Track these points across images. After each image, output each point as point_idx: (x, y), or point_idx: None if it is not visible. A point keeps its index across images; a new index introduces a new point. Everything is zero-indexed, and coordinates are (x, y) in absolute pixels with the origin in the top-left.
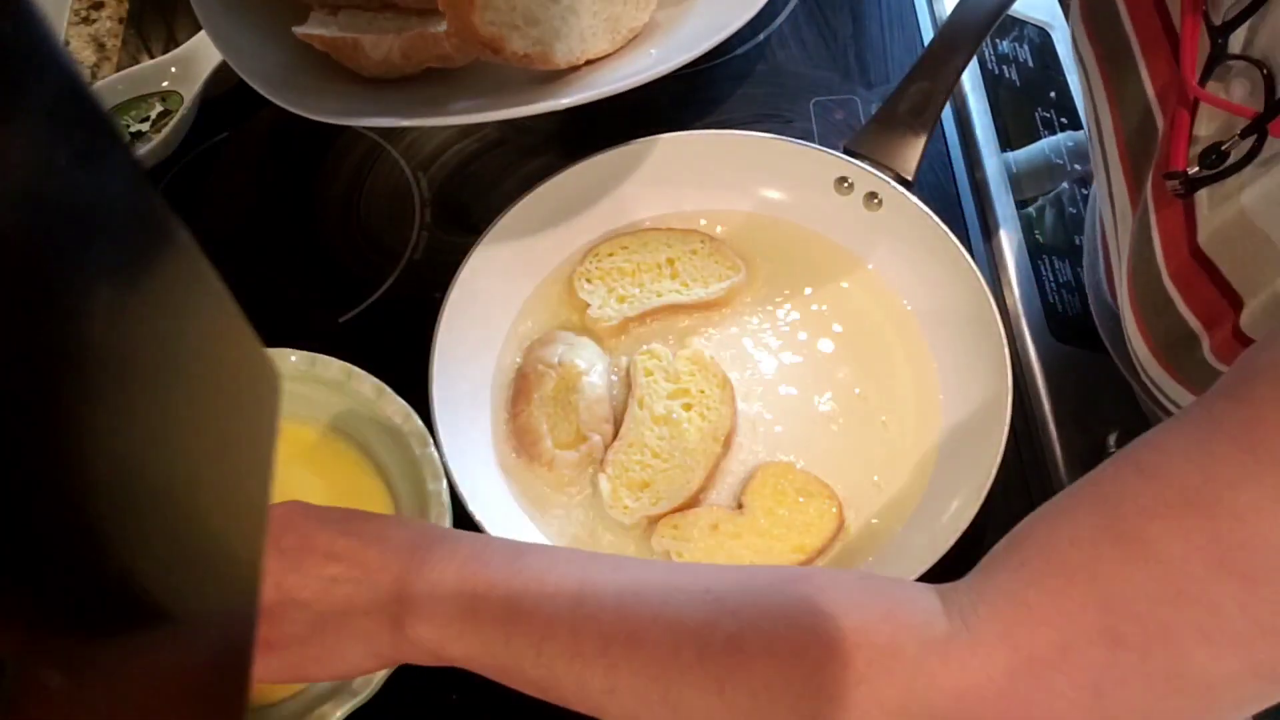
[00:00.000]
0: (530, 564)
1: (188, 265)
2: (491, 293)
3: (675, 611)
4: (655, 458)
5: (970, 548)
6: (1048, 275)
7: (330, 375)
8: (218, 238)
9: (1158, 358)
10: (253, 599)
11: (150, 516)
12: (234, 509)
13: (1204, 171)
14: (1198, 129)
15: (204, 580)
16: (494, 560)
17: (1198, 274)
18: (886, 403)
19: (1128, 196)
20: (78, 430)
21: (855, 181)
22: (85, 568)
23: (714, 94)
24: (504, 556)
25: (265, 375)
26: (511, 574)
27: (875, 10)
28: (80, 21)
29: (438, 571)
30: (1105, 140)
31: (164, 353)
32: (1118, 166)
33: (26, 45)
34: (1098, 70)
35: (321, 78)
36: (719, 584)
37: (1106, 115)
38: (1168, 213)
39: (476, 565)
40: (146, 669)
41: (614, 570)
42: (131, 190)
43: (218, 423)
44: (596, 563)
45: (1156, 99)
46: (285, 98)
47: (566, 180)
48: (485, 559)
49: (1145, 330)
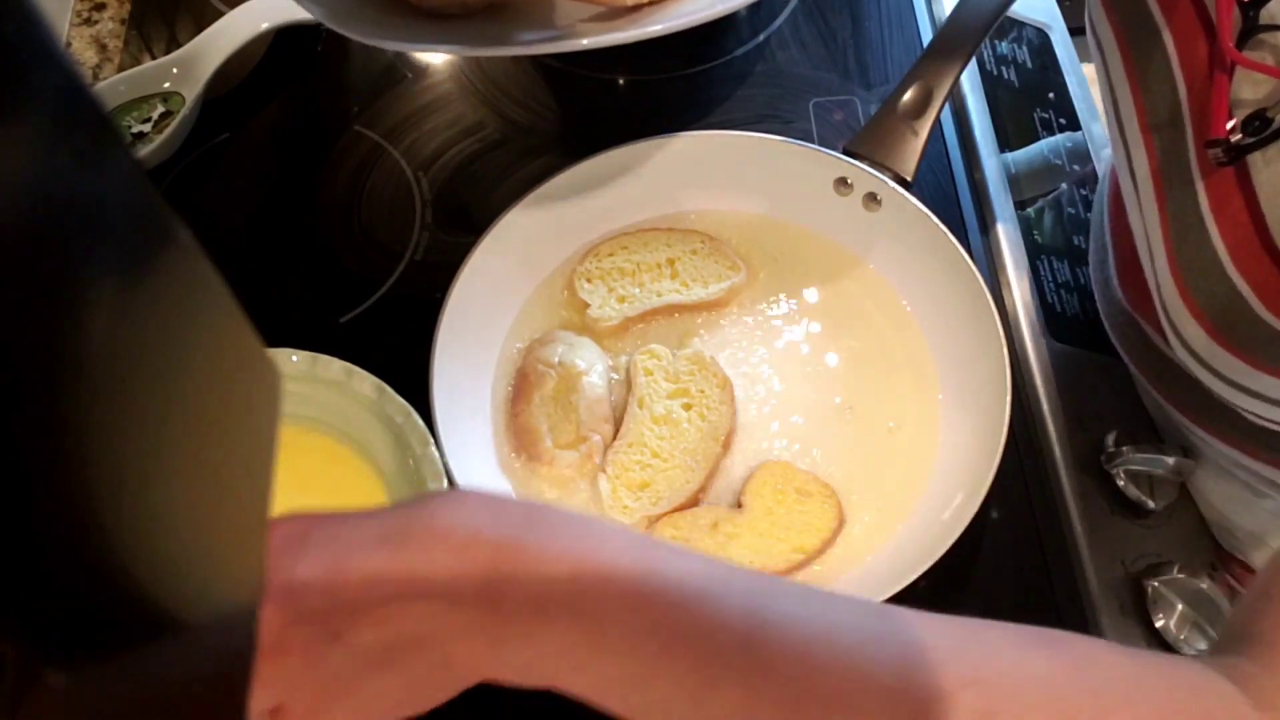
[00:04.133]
0: (663, 567)
1: (189, 266)
2: (492, 293)
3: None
4: (655, 458)
5: (970, 548)
6: (1047, 275)
7: (331, 375)
8: (219, 238)
9: (1211, 333)
10: (255, 599)
11: (150, 516)
12: (236, 509)
13: (1248, 138)
14: (1236, 96)
15: (205, 580)
16: (621, 559)
17: (1257, 235)
18: (886, 403)
19: (1151, 174)
20: (78, 430)
21: (855, 182)
22: (85, 568)
23: (714, 94)
24: (630, 556)
25: (267, 375)
26: (643, 580)
27: (875, 11)
28: (82, 22)
29: (540, 570)
30: (1125, 120)
31: (165, 353)
32: (1140, 144)
33: (28, 46)
34: (1116, 49)
35: (384, 11)
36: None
37: (1126, 95)
38: (1216, 180)
39: (593, 562)
40: (147, 671)
41: (785, 596)
42: (133, 191)
43: (219, 423)
44: (749, 582)
45: (1182, 72)
46: (351, 28)
47: (566, 180)
48: (606, 549)
49: (1196, 306)
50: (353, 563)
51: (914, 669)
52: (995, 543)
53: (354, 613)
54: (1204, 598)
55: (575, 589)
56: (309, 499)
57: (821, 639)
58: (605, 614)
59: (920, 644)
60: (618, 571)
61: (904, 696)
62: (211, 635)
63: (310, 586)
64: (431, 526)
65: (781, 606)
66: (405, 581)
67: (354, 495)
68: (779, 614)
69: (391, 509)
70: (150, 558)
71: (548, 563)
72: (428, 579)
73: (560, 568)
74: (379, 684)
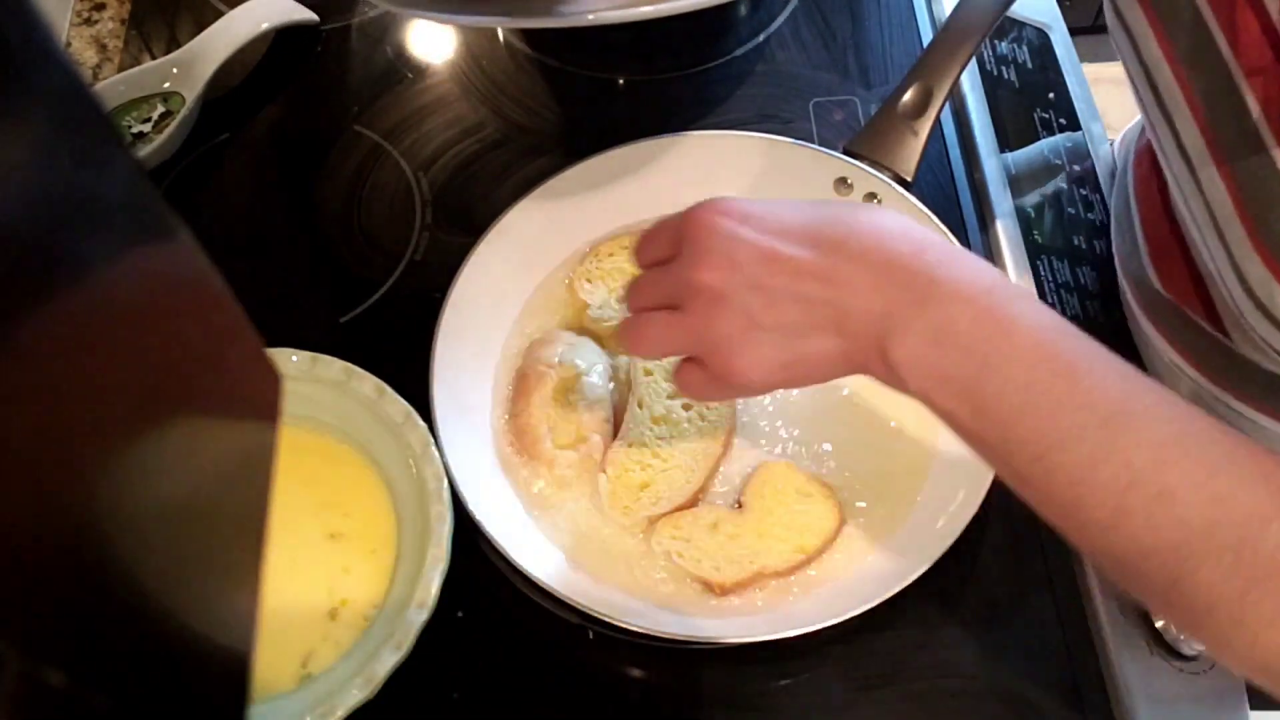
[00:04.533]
0: (1055, 336)
1: (190, 265)
2: (492, 293)
3: None
4: (655, 458)
5: (971, 547)
6: (1046, 275)
7: (331, 375)
8: (219, 238)
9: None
10: (254, 596)
11: (150, 514)
12: (236, 507)
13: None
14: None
15: (204, 574)
16: (1014, 336)
17: None
18: (886, 402)
19: (1208, 147)
20: (78, 430)
21: (855, 182)
22: (85, 567)
23: (714, 95)
24: (1030, 321)
25: (267, 375)
26: (1034, 357)
27: (875, 11)
28: (82, 23)
29: (945, 313)
30: (1168, 100)
31: (165, 353)
32: (1187, 115)
33: (28, 47)
34: (1150, 32)
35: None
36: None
37: (1164, 70)
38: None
39: (991, 325)
40: (147, 664)
41: (1149, 392)
42: (133, 191)
43: (220, 423)
44: (1137, 383)
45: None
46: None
47: (567, 180)
48: (1006, 310)
49: None
50: (787, 250)
51: (1243, 488)
52: (995, 542)
53: (776, 287)
54: None
55: (976, 330)
56: (309, 499)
57: (1173, 441)
58: (996, 356)
59: (1261, 473)
60: (1016, 327)
61: (1227, 505)
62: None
63: (750, 247)
64: (859, 242)
65: (1148, 400)
66: (826, 280)
67: (354, 495)
68: (1145, 406)
69: (817, 210)
70: (149, 556)
71: (958, 302)
72: (849, 283)
73: (965, 309)
74: (783, 338)
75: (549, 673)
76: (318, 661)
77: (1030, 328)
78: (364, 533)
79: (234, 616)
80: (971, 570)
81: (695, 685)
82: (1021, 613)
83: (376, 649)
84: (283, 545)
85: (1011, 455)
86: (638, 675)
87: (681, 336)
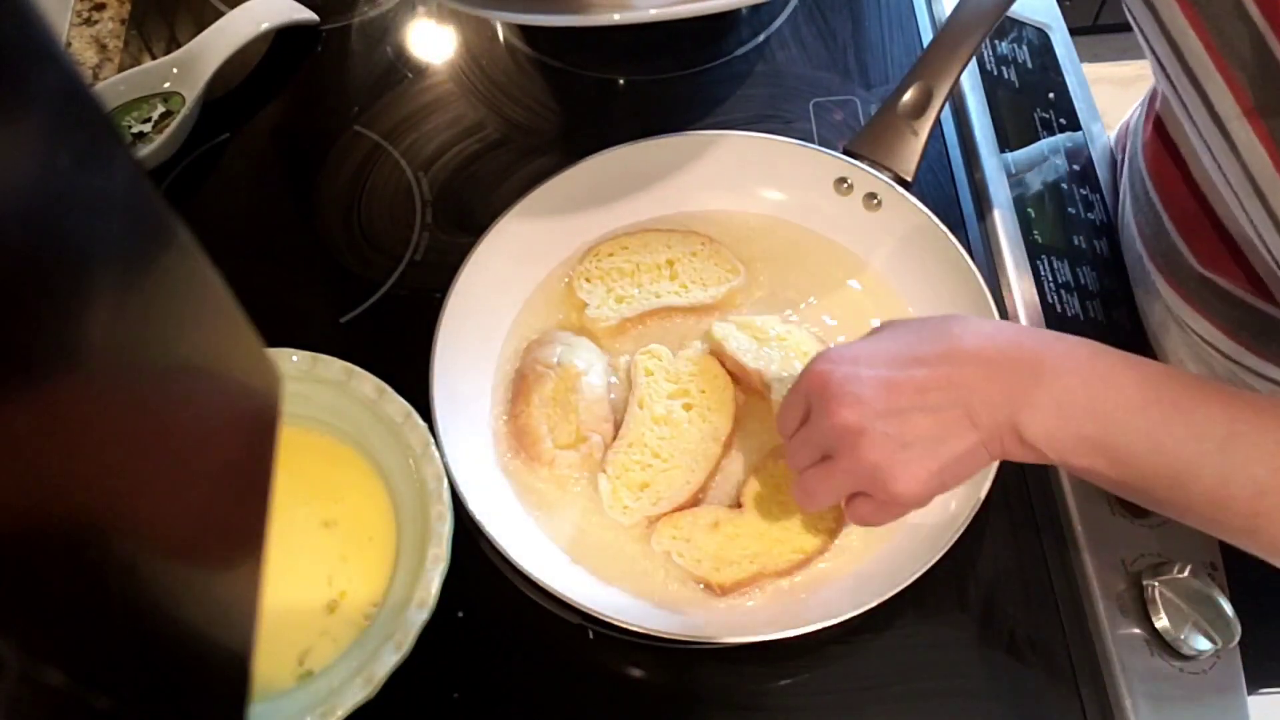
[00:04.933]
0: (1164, 390)
1: (189, 265)
2: (492, 293)
3: None
4: (655, 458)
5: (970, 547)
6: (1047, 275)
7: (331, 375)
8: (219, 238)
9: None
10: (254, 596)
11: (149, 513)
12: (236, 506)
13: None
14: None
15: (204, 574)
16: (1124, 390)
17: None
18: None
19: (1244, 113)
20: (78, 429)
21: (855, 182)
22: (85, 567)
23: (714, 95)
24: (1131, 375)
25: (267, 375)
26: (1146, 404)
27: (875, 11)
28: (82, 23)
29: (1061, 385)
30: (1194, 62)
31: (166, 353)
32: (1218, 80)
33: (28, 46)
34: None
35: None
36: None
37: (1190, 36)
38: None
39: (1101, 386)
40: (148, 663)
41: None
42: (133, 191)
43: (220, 423)
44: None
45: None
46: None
47: (566, 180)
48: (1108, 369)
49: None
50: (903, 374)
51: None
52: (995, 542)
53: (906, 407)
54: (1204, 598)
55: (1091, 393)
56: (309, 499)
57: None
58: (1117, 411)
59: None
60: (1122, 382)
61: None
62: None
63: (869, 382)
64: (962, 347)
65: (1246, 414)
66: (945, 388)
67: (354, 495)
68: (1247, 422)
69: (910, 331)
70: (148, 554)
71: (1066, 374)
72: (966, 384)
73: (1075, 378)
74: (927, 449)
75: (549, 673)
76: (316, 658)
77: (1133, 380)
78: (358, 517)
79: (234, 617)
80: (971, 570)
81: (695, 685)
82: (1021, 612)
83: (376, 649)
84: (279, 536)
85: (1152, 490)
86: (638, 675)
87: (841, 477)
